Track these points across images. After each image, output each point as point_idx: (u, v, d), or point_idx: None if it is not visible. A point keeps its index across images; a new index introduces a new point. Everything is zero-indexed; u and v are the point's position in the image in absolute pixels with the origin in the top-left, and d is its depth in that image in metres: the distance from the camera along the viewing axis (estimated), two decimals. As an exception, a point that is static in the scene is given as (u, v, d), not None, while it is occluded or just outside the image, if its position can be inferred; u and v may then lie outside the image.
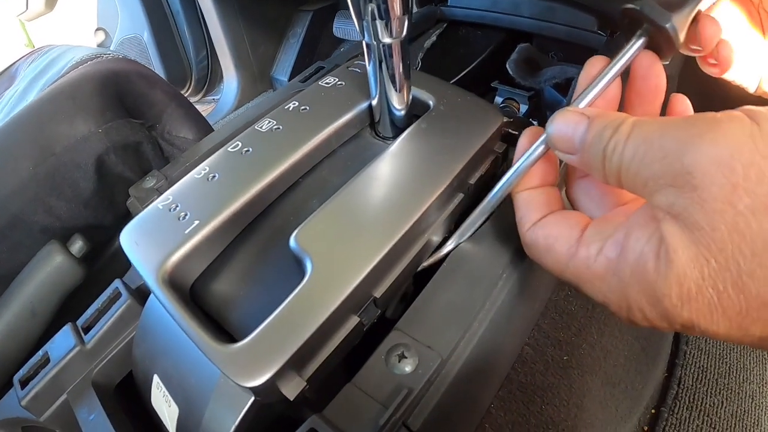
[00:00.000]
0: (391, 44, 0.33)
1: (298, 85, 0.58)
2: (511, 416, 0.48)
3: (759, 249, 0.22)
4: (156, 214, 0.34)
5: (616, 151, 0.26)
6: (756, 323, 0.23)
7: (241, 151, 0.36)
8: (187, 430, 0.33)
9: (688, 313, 0.24)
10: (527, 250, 0.33)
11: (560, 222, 0.31)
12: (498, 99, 0.60)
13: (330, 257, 0.30)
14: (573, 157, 0.29)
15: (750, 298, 0.22)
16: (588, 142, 0.28)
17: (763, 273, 0.22)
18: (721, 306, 0.23)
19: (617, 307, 0.27)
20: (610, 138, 0.26)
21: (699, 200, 0.23)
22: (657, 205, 0.25)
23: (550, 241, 0.30)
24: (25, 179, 0.50)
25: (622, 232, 0.27)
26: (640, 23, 0.30)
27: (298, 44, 1.05)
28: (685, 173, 0.23)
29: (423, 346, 0.32)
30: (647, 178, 0.25)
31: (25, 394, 0.38)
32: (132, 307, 0.39)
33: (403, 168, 0.35)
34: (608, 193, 0.33)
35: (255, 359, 0.27)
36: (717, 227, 0.22)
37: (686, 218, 0.23)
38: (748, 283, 0.22)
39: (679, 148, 0.23)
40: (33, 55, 0.72)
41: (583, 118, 0.28)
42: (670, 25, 0.28)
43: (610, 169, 0.27)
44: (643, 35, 0.30)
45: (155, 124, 0.58)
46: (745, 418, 0.66)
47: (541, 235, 0.31)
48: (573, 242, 0.29)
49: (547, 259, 0.31)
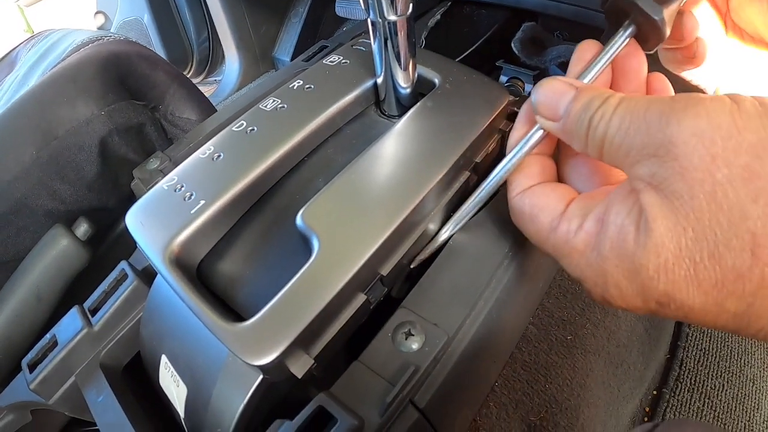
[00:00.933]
0: (397, 22, 0.32)
1: (302, 65, 0.57)
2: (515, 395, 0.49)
3: (735, 219, 0.22)
4: (161, 195, 0.34)
5: (603, 120, 0.27)
6: (731, 297, 0.23)
7: (246, 130, 0.36)
8: (195, 409, 0.33)
9: (664, 286, 0.24)
10: (512, 216, 0.33)
11: (548, 193, 0.31)
12: (503, 78, 0.60)
13: (337, 235, 0.30)
14: (555, 125, 0.30)
15: (726, 269, 0.23)
16: (575, 110, 0.28)
17: (739, 243, 0.22)
18: (697, 278, 0.23)
19: (593, 284, 0.28)
20: (598, 108, 0.27)
21: (679, 169, 0.23)
22: (638, 177, 0.25)
23: (535, 211, 0.31)
24: (28, 164, 0.50)
25: (603, 206, 0.27)
26: (627, 14, 0.31)
27: (300, 24, 1.04)
28: (668, 143, 0.24)
29: (429, 323, 0.32)
30: (630, 149, 0.25)
31: (34, 378, 0.38)
32: (138, 288, 0.39)
33: (409, 146, 0.34)
34: (596, 172, 0.33)
35: (263, 337, 0.27)
36: (695, 195, 0.23)
37: (666, 187, 0.24)
38: (724, 254, 0.23)
39: (662, 120, 0.24)
40: (33, 40, 0.71)
41: (570, 87, 0.29)
42: (659, 17, 0.30)
43: (594, 139, 0.27)
44: (631, 24, 0.32)
45: (158, 106, 0.58)
46: (745, 402, 0.66)
47: (527, 203, 0.31)
48: (557, 215, 0.29)
49: (530, 227, 0.31)
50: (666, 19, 0.30)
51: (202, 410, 0.32)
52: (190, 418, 0.34)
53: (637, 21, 0.31)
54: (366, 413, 0.28)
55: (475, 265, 0.35)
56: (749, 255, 0.22)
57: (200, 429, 0.33)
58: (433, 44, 0.63)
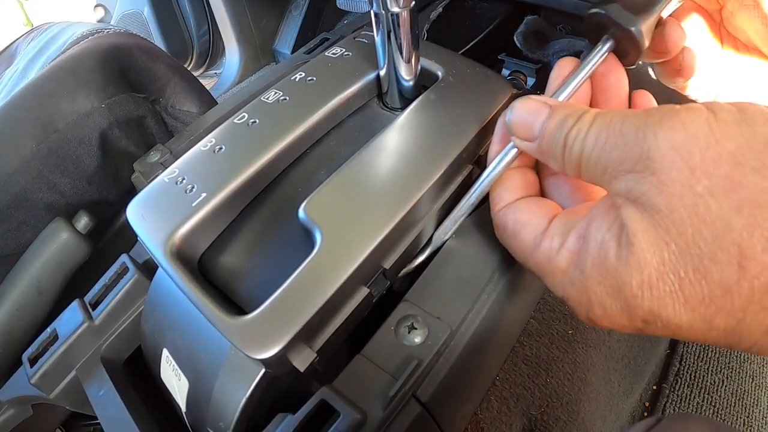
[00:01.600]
0: (400, 13, 0.32)
1: (303, 57, 0.57)
2: (516, 389, 0.49)
3: (719, 231, 0.21)
4: (162, 188, 0.34)
5: (578, 138, 0.26)
6: (719, 313, 0.22)
7: (247, 122, 0.36)
8: (196, 403, 0.33)
9: (649, 303, 0.23)
10: (496, 231, 0.32)
11: (532, 209, 0.30)
12: (505, 71, 0.60)
13: (339, 228, 0.30)
14: (531, 145, 0.29)
15: (712, 284, 0.22)
16: (549, 129, 0.28)
17: (725, 256, 0.21)
18: (683, 294, 0.23)
19: (576, 303, 0.27)
20: (573, 126, 0.26)
21: (658, 184, 0.23)
22: (616, 192, 0.25)
23: (517, 227, 0.30)
24: (29, 157, 0.50)
25: (584, 223, 0.27)
26: (606, 28, 0.31)
27: (300, 17, 1.03)
28: (645, 158, 0.23)
29: (432, 317, 0.32)
30: (607, 165, 0.25)
31: (35, 372, 0.38)
32: (139, 281, 0.39)
33: (412, 139, 0.34)
34: (577, 188, 0.32)
35: (265, 331, 0.27)
36: (676, 210, 0.22)
37: (645, 202, 0.23)
38: (710, 268, 0.22)
39: (638, 135, 0.24)
40: (32, 34, 0.71)
41: (544, 106, 0.29)
42: (635, 29, 0.29)
43: (570, 158, 0.27)
44: (609, 39, 0.31)
45: (158, 98, 0.58)
46: (745, 398, 0.66)
47: (510, 218, 0.31)
48: (539, 232, 0.29)
49: (513, 244, 0.31)
50: (643, 31, 0.30)
51: (203, 404, 0.32)
52: (191, 411, 0.34)
53: (614, 35, 0.31)
54: (369, 407, 0.28)
55: (478, 259, 0.35)
56: (736, 268, 0.21)
57: (202, 423, 0.33)
58: (435, 37, 0.63)
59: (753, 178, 0.21)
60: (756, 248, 0.21)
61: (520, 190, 0.32)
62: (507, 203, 0.32)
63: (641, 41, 0.30)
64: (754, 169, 0.21)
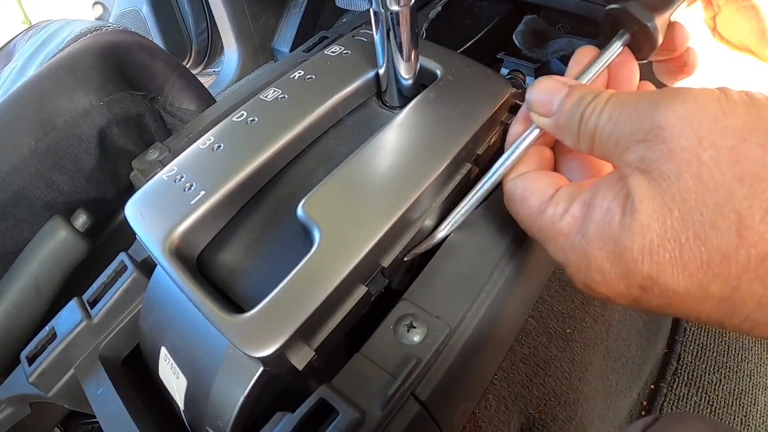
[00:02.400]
0: (399, 12, 0.32)
1: (302, 55, 0.57)
2: (514, 387, 0.49)
3: (721, 199, 0.23)
4: (161, 186, 0.34)
5: (594, 113, 0.28)
6: (716, 280, 0.23)
7: (246, 120, 0.36)
8: (195, 401, 0.33)
9: (648, 268, 0.24)
10: (505, 199, 0.33)
11: (540, 178, 0.31)
12: (504, 70, 0.60)
13: (338, 226, 0.30)
14: (548, 121, 0.31)
15: (711, 250, 0.23)
16: (567, 105, 0.29)
17: (725, 223, 0.22)
18: (682, 259, 0.23)
19: (576, 268, 0.28)
20: (590, 102, 0.28)
21: (667, 151, 0.24)
22: (627, 163, 0.26)
23: (525, 194, 0.31)
24: (27, 155, 0.49)
25: (590, 192, 0.28)
26: (621, 23, 0.33)
27: (299, 15, 1.03)
28: (656, 127, 0.25)
29: (431, 316, 0.32)
30: (619, 137, 0.26)
31: (33, 371, 0.38)
32: (138, 279, 0.39)
33: (411, 137, 0.34)
34: (587, 166, 0.34)
35: (264, 329, 0.27)
36: (682, 176, 0.23)
37: (654, 170, 0.24)
38: (710, 234, 0.23)
39: (651, 107, 0.25)
40: (31, 31, 0.70)
41: (564, 85, 0.30)
42: (652, 24, 0.31)
43: (585, 131, 0.28)
44: (626, 33, 0.33)
45: (157, 96, 0.57)
46: (742, 397, 0.66)
47: (520, 186, 0.32)
48: (545, 199, 0.30)
49: (520, 210, 0.32)
50: (658, 27, 0.31)
51: (202, 402, 0.32)
52: (189, 410, 0.34)
53: (630, 29, 0.33)
54: (367, 406, 0.28)
55: (478, 257, 0.35)
56: (735, 235, 0.22)
57: (200, 421, 0.33)
58: (434, 36, 0.63)
59: (756, 152, 0.22)
60: (755, 217, 0.22)
61: (534, 164, 0.33)
62: (519, 173, 0.33)
63: (656, 36, 0.32)
64: (758, 145, 0.22)
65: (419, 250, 0.35)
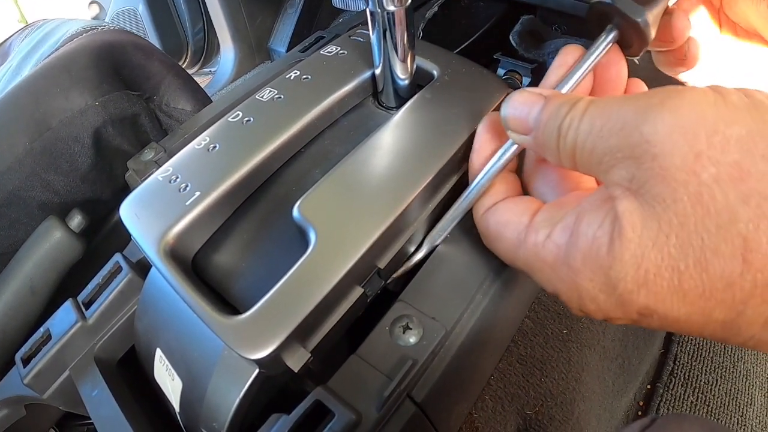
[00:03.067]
0: (396, 12, 0.32)
1: (298, 55, 0.57)
2: (511, 388, 0.49)
3: (724, 222, 0.20)
4: (156, 186, 0.33)
5: (572, 126, 0.25)
6: (719, 306, 0.21)
7: (242, 120, 0.36)
8: (190, 403, 0.33)
9: (645, 299, 0.22)
10: (481, 237, 0.32)
11: (511, 208, 0.30)
12: (500, 71, 0.59)
13: (334, 227, 0.30)
14: (527, 138, 0.28)
15: (714, 278, 0.21)
16: (543, 120, 0.27)
17: (729, 249, 0.20)
18: (682, 288, 0.22)
19: (567, 298, 0.26)
20: (566, 114, 0.25)
21: (659, 170, 0.22)
22: (614, 182, 0.24)
23: (500, 228, 0.29)
24: (22, 155, 0.49)
25: (573, 216, 0.26)
26: (609, 18, 0.30)
27: (296, 15, 1.03)
28: (644, 142, 0.22)
29: (427, 317, 0.31)
30: (603, 153, 0.24)
31: (28, 372, 0.37)
32: (133, 281, 0.38)
33: (407, 138, 0.34)
34: (565, 177, 0.31)
35: (259, 331, 0.26)
36: (679, 199, 0.21)
37: (645, 192, 0.22)
38: (712, 261, 0.21)
39: (637, 118, 0.22)
40: (26, 30, 0.70)
41: (539, 97, 0.27)
42: (642, 20, 0.28)
43: (565, 148, 0.26)
44: (614, 29, 0.30)
45: (153, 96, 0.57)
46: (738, 397, 0.67)
47: (492, 221, 0.30)
48: (522, 228, 0.28)
49: (498, 246, 0.30)
50: (650, 22, 0.29)
51: (197, 404, 0.32)
52: (185, 412, 0.34)
53: (619, 25, 0.30)
54: (363, 407, 0.28)
55: (473, 258, 0.35)
56: (740, 261, 0.20)
57: (195, 423, 0.33)
58: (430, 36, 0.63)
59: (762, 167, 0.20)
60: (761, 240, 0.20)
61: (500, 194, 0.32)
62: (486, 208, 0.31)
63: (647, 32, 0.29)
64: (764, 158, 0.20)
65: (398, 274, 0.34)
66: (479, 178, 0.32)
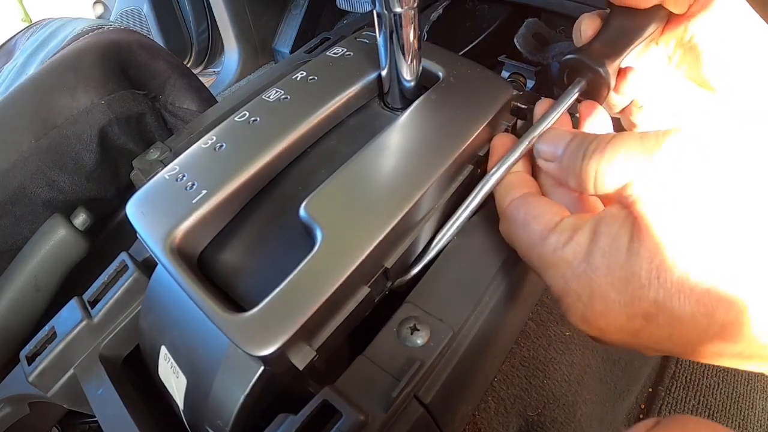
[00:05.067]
0: (403, 14, 0.32)
1: (304, 56, 0.57)
2: (514, 390, 0.49)
3: None
4: (163, 184, 0.33)
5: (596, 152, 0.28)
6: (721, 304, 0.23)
7: (248, 120, 0.36)
8: (195, 401, 0.33)
9: (655, 293, 0.24)
10: (503, 223, 0.33)
11: (544, 204, 0.31)
12: (504, 73, 0.60)
13: (340, 227, 0.30)
14: (552, 165, 0.31)
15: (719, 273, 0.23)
16: (570, 148, 0.30)
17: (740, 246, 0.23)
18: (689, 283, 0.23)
19: (575, 298, 0.27)
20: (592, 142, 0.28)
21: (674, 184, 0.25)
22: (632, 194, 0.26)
23: (528, 218, 0.31)
24: (27, 153, 0.49)
25: (594, 221, 0.28)
26: (578, 72, 0.35)
27: (300, 16, 1.03)
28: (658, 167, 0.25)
29: (435, 318, 0.32)
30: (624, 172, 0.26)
31: (32, 370, 0.37)
32: (139, 279, 0.38)
33: (413, 139, 0.34)
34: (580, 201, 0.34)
35: (265, 328, 0.26)
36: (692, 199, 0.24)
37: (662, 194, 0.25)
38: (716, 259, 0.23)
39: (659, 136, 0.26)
40: (32, 29, 0.70)
41: (568, 134, 0.31)
42: (604, 70, 0.34)
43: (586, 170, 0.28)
44: (581, 81, 0.35)
45: (158, 95, 0.57)
46: (740, 401, 0.66)
47: (522, 210, 0.31)
48: (549, 226, 0.29)
49: (521, 234, 0.31)
50: (610, 72, 0.34)
51: (202, 402, 0.32)
52: (189, 409, 0.34)
53: (586, 76, 0.35)
54: (370, 408, 0.28)
55: (480, 261, 0.35)
56: None
57: (200, 421, 0.33)
58: (435, 39, 0.63)
59: None
60: None
61: (527, 187, 0.33)
62: (517, 195, 0.32)
63: (609, 80, 0.34)
64: None
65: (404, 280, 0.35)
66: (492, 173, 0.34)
